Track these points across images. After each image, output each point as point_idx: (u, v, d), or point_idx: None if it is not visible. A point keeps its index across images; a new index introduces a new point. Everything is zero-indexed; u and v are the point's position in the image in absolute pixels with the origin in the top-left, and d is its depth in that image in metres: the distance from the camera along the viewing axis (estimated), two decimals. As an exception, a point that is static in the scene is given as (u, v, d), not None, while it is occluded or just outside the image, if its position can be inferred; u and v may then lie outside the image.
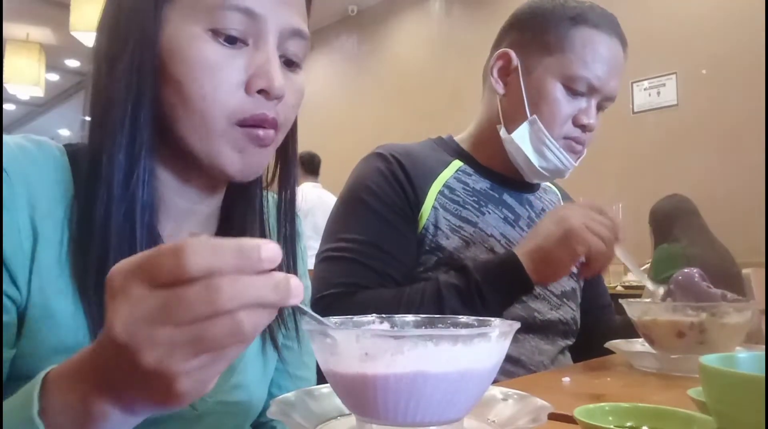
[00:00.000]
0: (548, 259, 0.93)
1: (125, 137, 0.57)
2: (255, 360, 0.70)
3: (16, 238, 0.54)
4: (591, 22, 1.07)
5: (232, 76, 0.58)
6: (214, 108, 0.58)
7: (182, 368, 0.35)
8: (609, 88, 1.08)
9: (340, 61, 6.42)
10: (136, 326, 0.35)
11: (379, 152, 1.12)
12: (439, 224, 1.06)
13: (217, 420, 0.66)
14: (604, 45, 1.06)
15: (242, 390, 0.68)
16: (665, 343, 0.88)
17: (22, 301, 0.55)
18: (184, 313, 0.34)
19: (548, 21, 1.09)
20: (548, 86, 1.07)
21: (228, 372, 0.66)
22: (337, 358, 0.45)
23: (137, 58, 0.57)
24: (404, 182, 1.07)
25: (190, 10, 0.58)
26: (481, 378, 0.46)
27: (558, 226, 0.93)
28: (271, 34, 0.60)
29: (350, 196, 1.09)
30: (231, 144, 0.59)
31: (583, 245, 0.90)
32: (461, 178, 1.13)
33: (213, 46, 0.58)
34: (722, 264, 2.83)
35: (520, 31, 1.13)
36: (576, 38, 1.06)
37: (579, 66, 1.05)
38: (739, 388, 0.43)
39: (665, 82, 4.08)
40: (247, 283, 0.35)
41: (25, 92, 6.17)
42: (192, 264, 0.34)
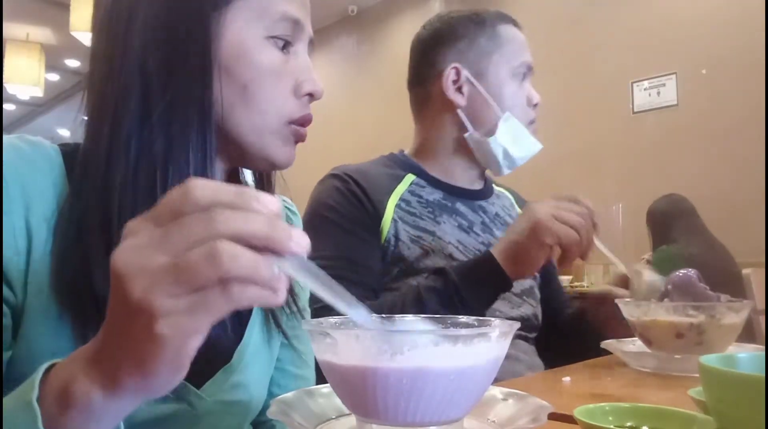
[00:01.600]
0: (520, 253, 0.95)
1: (194, 143, 0.59)
2: (255, 359, 0.70)
3: (12, 239, 0.54)
4: (500, 18, 1.21)
5: (287, 82, 0.64)
6: (274, 109, 0.63)
7: (164, 304, 0.35)
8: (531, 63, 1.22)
9: (340, 61, 6.42)
10: (133, 254, 0.36)
11: (333, 173, 1.17)
12: (399, 235, 1.10)
13: (217, 419, 0.66)
14: (516, 31, 1.22)
15: (242, 389, 0.68)
16: (664, 344, 0.88)
17: (17, 302, 0.55)
18: (178, 239, 0.35)
19: (474, 28, 1.19)
20: (504, 81, 1.18)
21: (227, 371, 0.66)
22: (337, 357, 0.45)
23: (200, 63, 0.59)
24: (362, 198, 1.12)
25: (252, 18, 0.61)
26: (481, 378, 0.46)
27: (527, 220, 0.95)
28: (306, 41, 0.66)
29: (313, 216, 1.13)
30: (280, 139, 0.65)
31: (551, 236, 0.91)
32: (415, 190, 1.18)
33: (275, 53, 0.63)
34: (722, 264, 2.83)
35: (449, 47, 1.21)
36: (503, 33, 1.19)
37: (517, 54, 1.18)
38: (739, 388, 0.43)
39: (665, 82, 4.08)
40: (242, 213, 0.36)
41: (25, 92, 6.16)
42: (196, 195, 0.36)
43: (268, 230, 0.36)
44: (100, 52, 0.61)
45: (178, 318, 0.35)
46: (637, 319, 0.91)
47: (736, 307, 0.86)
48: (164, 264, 0.35)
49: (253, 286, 0.35)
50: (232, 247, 0.35)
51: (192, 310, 0.35)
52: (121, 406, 0.40)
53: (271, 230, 0.36)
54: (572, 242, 0.92)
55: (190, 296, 0.35)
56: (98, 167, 0.57)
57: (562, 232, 0.91)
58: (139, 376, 0.38)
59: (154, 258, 0.35)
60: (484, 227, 1.20)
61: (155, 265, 0.35)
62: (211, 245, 0.34)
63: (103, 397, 0.38)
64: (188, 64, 0.59)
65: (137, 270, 0.35)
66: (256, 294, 0.36)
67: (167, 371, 0.37)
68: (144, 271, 0.35)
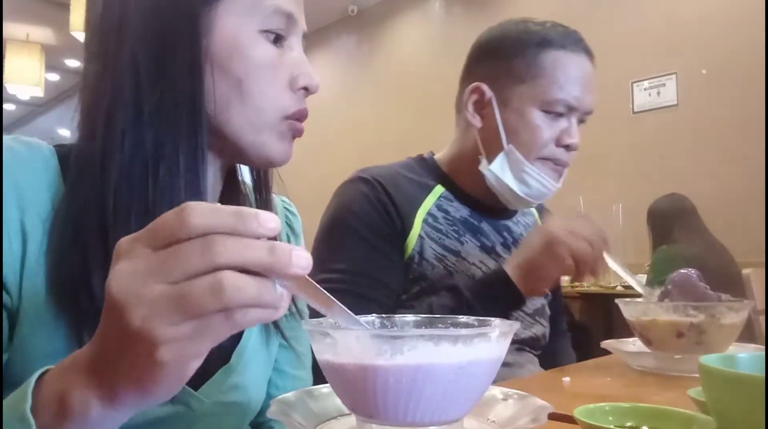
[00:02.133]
0: (535, 269, 0.95)
1: (187, 139, 0.58)
2: (254, 360, 0.70)
3: (7, 242, 0.54)
4: (556, 44, 1.07)
5: (282, 76, 0.63)
6: (269, 104, 0.62)
7: (165, 333, 0.35)
8: (586, 103, 1.08)
9: (340, 61, 6.42)
10: (129, 281, 0.35)
11: (362, 177, 1.10)
12: (424, 254, 1.05)
13: (215, 421, 0.66)
14: (574, 64, 1.07)
15: (241, 390, 0.68)
16: (664, 344, 0.88)
17: (13, 305, 0.55)
18: (177, 268, 0.35)
19: (515, 50, 1.08)
20: (527, 115, 1.06)
21: (226, 372, 0.66)
22: (336, 357, 0.45)
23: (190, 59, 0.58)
24: (391, 210, 1.06)
25: (245, 13, 0.60)
26: (481, 378, 0.46)
27: (541, 236, 0.95)
28: (300, 35, 0.65)
29: (336, 221, 1.08)
30: (277, 135, 0.64)
31: (565, 248, 0.92)
32: (443, 205, 1.12)
33: (269, 47, 0.62)
34: (721, 264, 2.83)
35: (487, 62, 1.12)
36: (546, 62, 1.06)
37: (554, 89, 1.05)
38: (739, 388, 0.43)
39: (665, 82, 4.08)
40: (241, 241, 0.35)
41: (25, 92, 6.16)
42: (192, 219, 0.35)
43: (269, 258, 0.35)
44: (93, 51, 0.61)
45: (179, 344, 0.35)
46: (637, 319, 0.91)
47: (736, 307, 0.86)
48: (164, 292, 0.35)
49: (255, 310, 0.36)
50: (235, 279, 0.35)
51: (193, 336, 0.35)
52: (117, 416, 0.40)
53: (271, 257, 0.35)
54: (586, 256, 0.92)
55: (191, 323, 0.35)
56: (93, 166, 0.57)
57: (575, 245, 0.92)
58: (138, 393, 0.38)
59: (152, 286, 0.35)
60: (505, 249, 1.16)
61: (154, 293, 0.35)
62: (215, 277, 0.34)
63: (102, 408, 0.38)
64: (178, 60, 0.58)
65: (136, 298, 0.35)
66: (258, 316, 0.36)
67: (166, 390, 0.38)
68: (143, 299, 0.35)
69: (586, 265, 0.94)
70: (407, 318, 0.57)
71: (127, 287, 0.35)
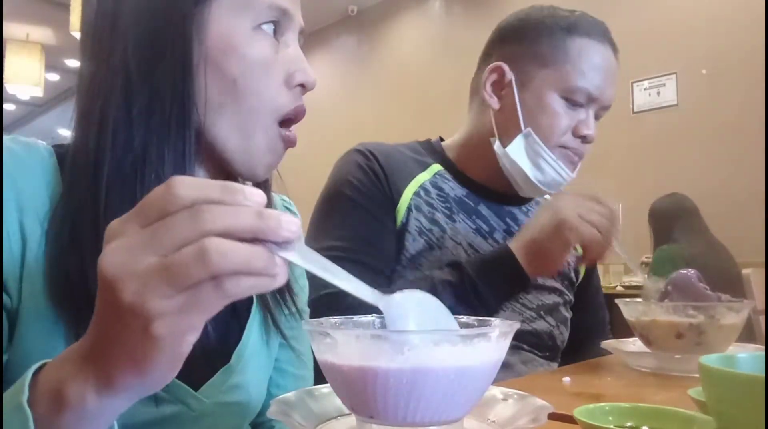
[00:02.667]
0: (542, 250, 0.93)
1: (174, 141, 0.57)
2: (254, 360, 0.70)
3: (6, 242, 0.54)
4: (585, 32, 1.05)
5: (277, 74, 0.61)
6: (266, 104, 0.61)
7: (157, 306, 0.34)
8: (606, 96, 1.07)
9: (340, 61, 6.42)
10: (120, 257, 0.35)
11: (357, 149, 1.12)
12: (408, 226, 1.06)
13: (215, 421, 0.66)
14: (599, 54, 1.05)
15: (241, 390, 0.68)
16: (664, 344, 0.88)
17: (13, 306, 0.55)
18: (166, 239, 0.35)
19: (541, 32, 1.07)
20: (547, 99, 1.05)
21: (226, 372, 0.66)
22: (336, 357, 0.45)
23: (180, 59, 0.57)
24: (382, 178, 1.07)
25: (237, 9, 0.59)
26: (481, 378, 0.46)
27: (550, 217, 0.92)
28: (296, 31, 0.64)
29: (333, 192, 1.09)
30: (267, 143, 0.62)
31: (575, 234, 0.90)
32: (437, 182, 1.12)
33: (264, 45, 0.60)
34: (722, 264, 2.83)
35: (511, 43, 1.11)
36: (572, 49, 1.04)
37: (577, 77, 1.03)
38: (739, 388, 0.43)
39: (665, 82, 4.08)
40: (228, 208, 0.35)
41: (25, 92, 6.16)
42: (179, 191, 0.35)
43: (257, 222, 0.35)
44: (88, 51, 0.61)
45: (172, 318, 0.35)
46: (637, 319, 0.91)
47: (736, 307, 0.86)
48: (154, 265, 0.35)
49: (246, 278, 0.35)
50: (221, 244, 0.34)
51: (186, 308, 0.35)
52: (114, 406, 0.40)
53: (259, 221, 0.35)
54: (595, 242, 0.91)
55: (182, 295, 0.35)
56: (87, 167, 0.57)
57: (586, 232, 0.90)
58: (135, 375, 0.37)
59: (143, 259, 0.35)
60: (506, 235, 1.13)
61: (144, 266, 0.35)
62: (200, 243, 0.34)
63: (98, 397, 0.38)
64: (167, 61, 0.57)
65: (126, 273, 0.35)
66: (251, 284, 0.36)
67: (163, 369, 0.37)
68: (133, 274, 0.35)
69: (593, 251, 0.93)
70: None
71: (117, 263, 0.35)
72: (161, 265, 0.34)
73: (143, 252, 0.35)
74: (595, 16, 1.12)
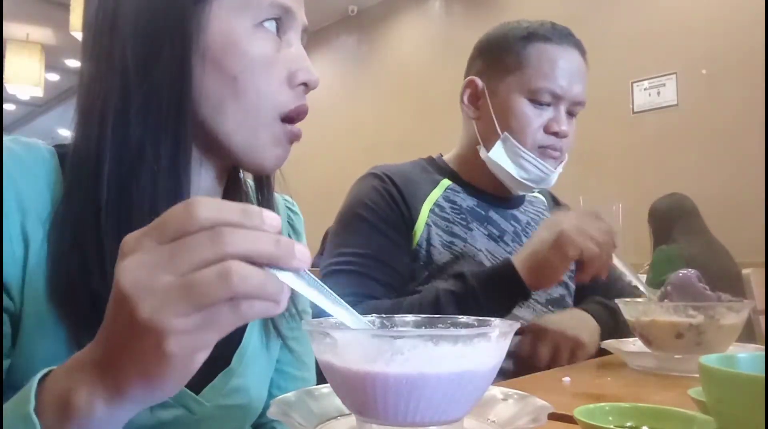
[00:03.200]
0: (542, 264, 0.95)
1: (170, 140, 0.57)
2: (254, 362, 0.70)
3: (8, 245, 0.53)
4: (542, 37, 1.14)
5: (279, 72, 0.61)
6: (267, 101, 0.60)
7: (173, 324, 0.35)
8: (573, 93, 1.13)
9: (340, 61, 6.41)
10: (138, 274, 0.36)
11: (373, 173, 1.19)
12: (432, 241, 1.12)
13: (216, 424, 0.66)
14: (558, 54, 1.13)
15: (242, 393, 0.68)
16: (663, 344, 0.88)
17: (15, 309, 0.54)
18: (186, 259, 0.35)
19: (504, 44, 1.16)
20: (513, 102, 1.13)
21: (227, 375, 0.66)
22: (337, 358, 0.45)
23: (179, 57, 0.57)
24: (399, 200, 1.14)
25: (239, 7, 0.59)
26: (481, 378, 0.46)
27: (550, 231, 0.96)
28: (298, 30, 0.63)
29: (349, 212, 1.15)
30: (272, 138, 0.62)
31: (574, 248, 0.92)
32: (450, 196, 1.19)
33: (266, 42, 0.60)
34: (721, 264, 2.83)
35: (481, 58, 1.21)
36: (531, 54, 1.13)
37: (538, 78, 1.11)
38: (739, 388, 0.43)
39: (665, 82, 4.07)
40: (249, 233, 0.36)
41: (25, 92, 6.16)
42: (200, 213, 0.36)
43: (274, 249, 0.37)
44: (88, 50, 0.61)
45: (187, 336, 0.36)
46: (637, 320, 0.91)
47: (736, 307, 0.86)
48: (173, 283, 0.35)
49: (259, 302, 0.36)
50: (242, 267, 0.36)
51: (201, 327, 0.36)
52: (122, 414, 0.40)
53: (276, 249, 0.37)
54: (594, 257, 0.93)
55: (199, 314, 0.35)
56: (87, 167, 0.56)
57: (585, 246, 0.93)
58: (145, 387, 0.38)
59: (162, 277, 0.35)
60: (515, 237, 1.21)
61: (163, 284, 0.35)
62: (223, 265, 0.35)
63: (106, 407, 0.39)
64: (165, 60, 0.57)
65: (144, 289, 0.35)
66: (262, 308, 0.37)
67: (173, 383, 0.38)
68: (152, 291, 0.35)
69: (593, 266, 0.95)
70: (407, 318, 0.57)
71: (136, 279, 0.36)
72: (181, 284, 0.35)
73: (162, 270, 0.35)
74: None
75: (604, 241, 0.94)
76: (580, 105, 1.16)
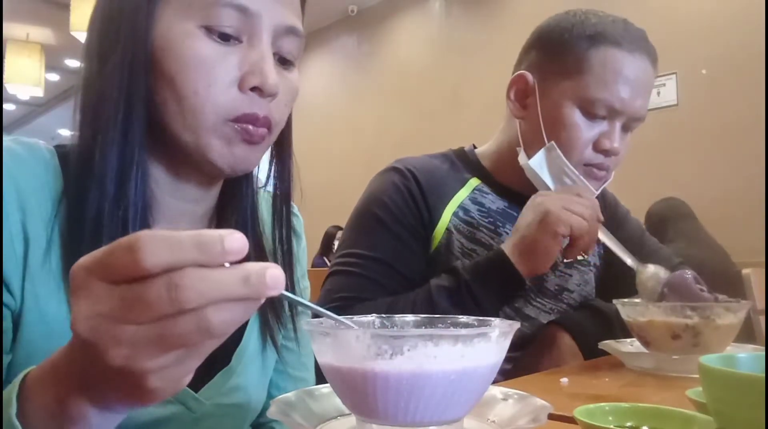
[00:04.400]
0: (533, 247, 0.93)
1: (117, 134, 0.57)
2: (254, 361, 0.70)
3: (9, 243, 0.54)
4: (611, 40, 1.00)
5: (225, 74, 0.58)
6: (206, 105, 0.58)
7: (150, 366, 0.34)
8: (633, 108, 1.01)
9: (340, 61, 6.41)
10: (97, 323, 0.33)
11: (396, 166, 1.10)
12: (451, 247, 1.05)
13: (215, 422, 0.66)
14: (626, 63, 1.00)
15: (241, 392, 0.68)
16: (660, 345, 0.88)
17: (16, 306, 0.55)
18: (144, 312, 0.32)
19: (566, 41, 1.03)
20: (565, 111, 1.02)
21: (226, 374, 0.66)
22: (337, 357, 0.45)
23: (129, 55, 0.57)
24: (419, 200, 1.06)
25: (183, 7, 0.57)
26: (481, 378, 0.46)
27: (536, 212, 0.93)
28: (266, 31, 0.60)
29: (365, 209, 1.08)
30: (221, 139, 0.59)
31: (564, 225, 0.90)
32: (477, 198, 1.10)
33: (206, 43, 0.57)
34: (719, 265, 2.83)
35: (538, 52, 1.08)
36: (594, 59, 1.00)
37: (598, 88, 0.99)
38: (739, 388, 0.43)
39: (665, 82, 4.07)
40: (210, 277, 0.32)
41: (25, 92, 6.16)
42: (148, 260, 0.32)
43: (244, 290, 0.33)
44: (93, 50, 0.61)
45: (167, 370, 0.35)
46: (634, 320, 0.91)
47: (734, 307, 0.86)
48: (136, 332, 0.33)
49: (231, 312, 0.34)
50: (219, 313, 0.33)
51: (181, 360, 0.35)
52: (117, 418, 0.41)
53: (246, 289, 0.33)
54: (583, 231, 0.91)
55: (176, 352, 0.34)
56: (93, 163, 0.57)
57: (573, 221, 0.91)
58: (134, 405, 0.38)
59: (123, 328, 0.33)
60: None
61: (127, 334, 0.33)
62: (198, 317, 0.32)
63: (100, 413, 0.39)
64: (117, 55, 0.57)
65: (109, 340, 0.33)
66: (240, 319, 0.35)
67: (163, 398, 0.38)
68: (117, 341, 0.33)
69: (581, 239, 0.93)
70: (407, 318, 0.57)
71: (98, 330, 0.33)
72: (151, 333, 0.33)
73: (120, 320, 0.33)
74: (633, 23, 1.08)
75: (590, 215, 0.92)
76: (640, 121, 1.04)
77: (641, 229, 1.31)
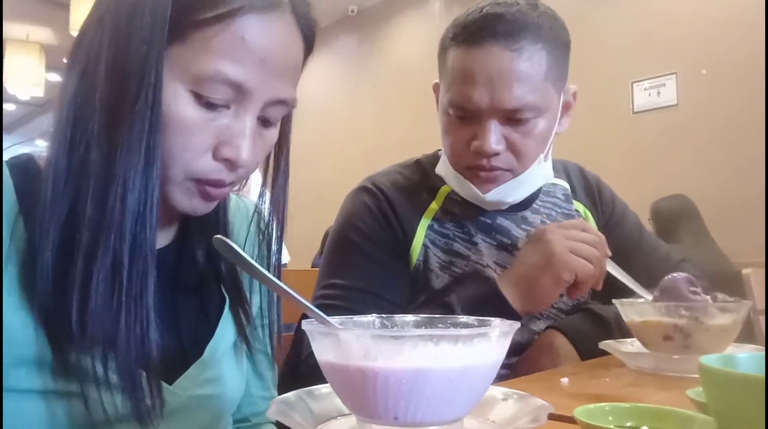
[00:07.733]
0: (533, 288, 0.91)
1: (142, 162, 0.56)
2: (228, 355, 0.71)
3: None
4: (456, 40, 0.95)
5: (202, 141, 0.59)
6: (177, 166, 0.59)
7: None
8: (497, 102, 0.92)
9: (340, 62, 6.41)
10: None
11: (366, 186, 1.08)
12: (429, 263, 1.02)
13: (192, 414, 0.67)
14: (470, 59, 0.93)
15: (216, 384, 0.69)
16: (655, 345, 0.88)
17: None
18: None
19: (440, 45, 1.02)
20: (441, 119, 1.01)
21: (200, 366, 0.67)
22: (337, 357, 0.45)
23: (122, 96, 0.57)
24: (392, 220, 1.03)
25: (179, 68, 0.57)
26: (481, 378, 0.46)
27: (540, 253, 0.90)
28: (255, 104, 0.60)
29: (341, 236, 1.05)
30: (182, 191, 0.61)
31: (569, 271, 0.89)
32: (449, 208, 1.06)
33: (192, 109, 0.58)
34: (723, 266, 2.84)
35: None
36: (447, 63, 0.97)
37: (450, 91, 0.96)
38: (739, 388, 0.43)
39: (665, 82, 4.07)
40: None
41: (25, 92, 6.16)
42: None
43: None
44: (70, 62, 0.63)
45: None
46: (632, 321, 0.91)
47: (729, 307, 0.85)
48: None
49: None
50: None
51: None
52: None
53: None
54: (588, 276, 0.90)
55: None
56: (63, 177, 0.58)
57: (579, 267, 0.89)
58: None
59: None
60: None
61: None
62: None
63: None
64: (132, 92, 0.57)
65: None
66: None
67: None
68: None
69: (586, 283, 0.92)
70: (407, 318, 0.57)
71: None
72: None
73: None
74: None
75: (596, 258, 0.91)
76: (521, 111, 0.93)
77: (640, 226, 1.28)
